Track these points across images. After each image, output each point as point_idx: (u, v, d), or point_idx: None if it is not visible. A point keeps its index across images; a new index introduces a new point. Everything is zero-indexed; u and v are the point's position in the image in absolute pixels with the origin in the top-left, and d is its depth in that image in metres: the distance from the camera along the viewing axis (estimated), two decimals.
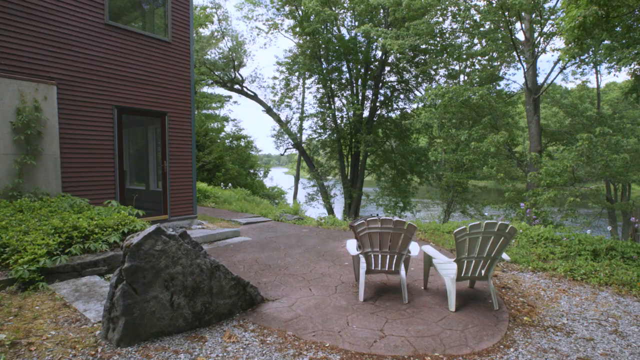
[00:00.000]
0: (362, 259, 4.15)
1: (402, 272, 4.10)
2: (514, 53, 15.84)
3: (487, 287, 4.57)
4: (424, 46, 18.35)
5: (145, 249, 2.89)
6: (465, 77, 18.92)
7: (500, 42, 15.60)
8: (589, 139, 10.39)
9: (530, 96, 14.21)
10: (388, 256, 4.04)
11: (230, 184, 16.20)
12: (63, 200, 5.50)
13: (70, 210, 5.00)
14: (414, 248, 4.27)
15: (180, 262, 3.10)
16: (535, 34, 14.56)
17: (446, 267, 4.19)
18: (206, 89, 27.30)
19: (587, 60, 15.16)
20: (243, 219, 9.04)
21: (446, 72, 20.27)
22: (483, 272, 3.95)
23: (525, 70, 14.20)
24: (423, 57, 20.01)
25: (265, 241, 6.99)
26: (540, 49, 14.61)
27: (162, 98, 7.72)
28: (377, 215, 7.43)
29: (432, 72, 20.33)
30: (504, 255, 3.97)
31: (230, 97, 27.98)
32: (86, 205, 5.54)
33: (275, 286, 4.43)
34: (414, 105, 21.59)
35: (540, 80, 14.96)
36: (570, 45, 8.57)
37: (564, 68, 14.68)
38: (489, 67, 17.54)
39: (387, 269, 4.11)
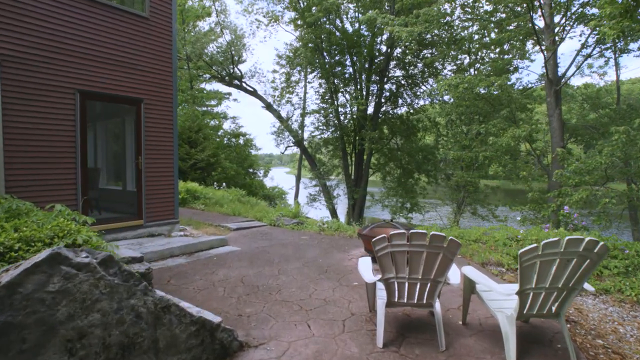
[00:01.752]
0: (381, 286, 3.00)
1: (437, 305, 2.94)
2: (531, 41, 14.62)
3: (544, 322, 3.40)
4: (430, 37, 17.20)
5: (26, 293, 1.73)
6: (475, 72, 17.68)
7: (515, 29, 14.37)
8: (627, 132, 9.17)
9: (551, 87, 12.95)
10: (418, 284, 2.87)
11: (224, 184, 15.02)
12: (2, 205, 4.36)
13: (1, 217, 3.85)
14: (454, 273, 3.08)
15: (98, 307, 1.95)
16: (557, 18, 13.30)
17: (497, 299, 3.02)
18: (204, 85, 26.22)
19: (612, 48, 13.94)
20: (234, 224, 7.88)
21: (454, 67, 19.08)
22: (554, 308, 2.78)
23: (546, 58, 12.95)
24: (430, 51, 18.89)
25: (257, 252, 5.83)
26: (559, 38, 13.35)
27: (137, 82, 6.57)
28: (392, 219, 6.25)
29: (440, 67, 19.17)
30: (587, 286, 2.79)
31: (229, 94, 26.81)
32: (30, 209, 4.39)
33: (261, 321, 3.28)
34: (421, 102, 20.43)
35: (558, 73, 13.71)
36: (613, 21, 7.39)
37: (589, 55, 13.42)
38: (500, 60, 16.29)
39: (415, 301, 2.94)
